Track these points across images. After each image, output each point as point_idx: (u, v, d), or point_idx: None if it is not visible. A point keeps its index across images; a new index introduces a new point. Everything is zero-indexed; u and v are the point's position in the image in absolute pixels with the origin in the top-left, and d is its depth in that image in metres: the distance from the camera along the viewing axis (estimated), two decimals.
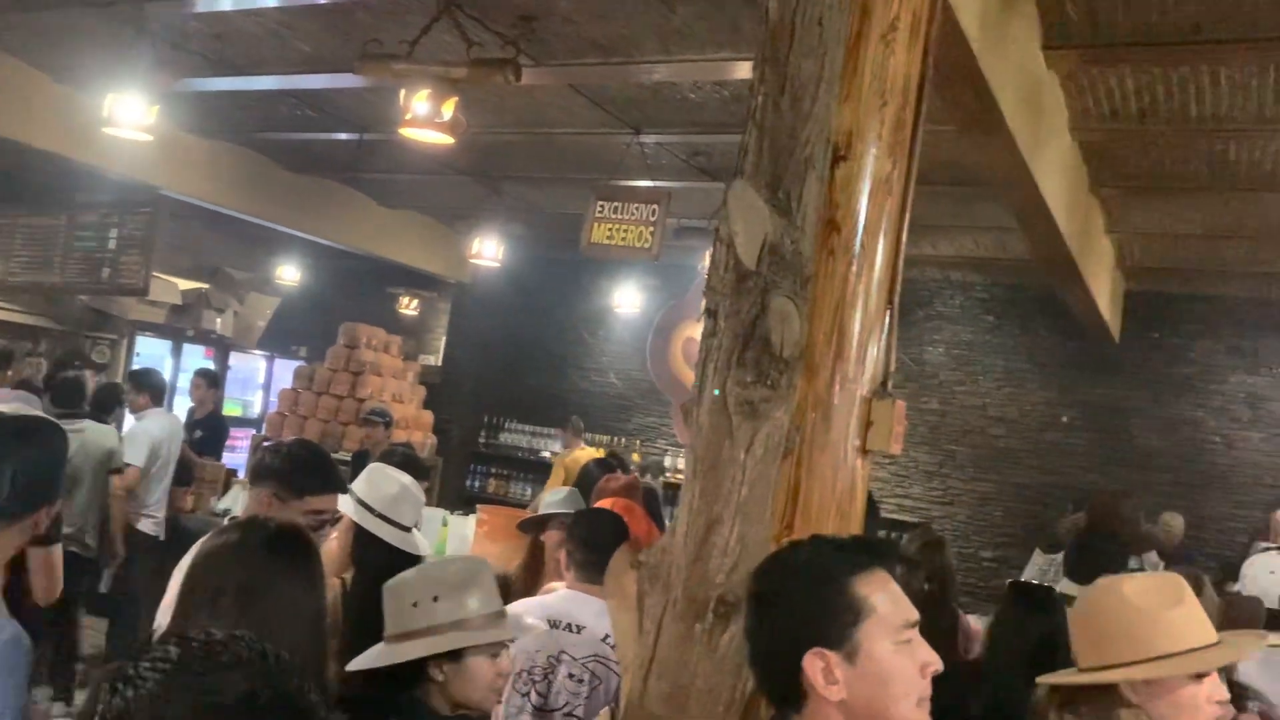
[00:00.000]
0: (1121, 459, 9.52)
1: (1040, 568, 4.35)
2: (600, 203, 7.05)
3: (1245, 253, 8.01)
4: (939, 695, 3.18)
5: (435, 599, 2.11)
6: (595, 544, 2.97)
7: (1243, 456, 9.23)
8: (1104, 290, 8.13)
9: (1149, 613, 1.89)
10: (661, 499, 5.45)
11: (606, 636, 2.80)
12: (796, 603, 1.50)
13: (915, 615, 1.53)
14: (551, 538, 3.51)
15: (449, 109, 5.10)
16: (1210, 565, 7.59)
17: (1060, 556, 4.38)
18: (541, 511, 3.94)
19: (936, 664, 1.52)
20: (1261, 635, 2.08)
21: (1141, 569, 4.77)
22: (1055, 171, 5.37)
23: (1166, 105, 5.21)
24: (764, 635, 1.55)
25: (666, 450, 11.30)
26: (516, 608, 2.84)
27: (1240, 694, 2.53)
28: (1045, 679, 2.05)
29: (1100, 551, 3.91)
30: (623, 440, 11.50)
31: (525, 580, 3.49)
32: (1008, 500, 9.93)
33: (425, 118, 5.10)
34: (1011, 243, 8.39)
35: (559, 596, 3.00)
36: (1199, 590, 2.86)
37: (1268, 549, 5.99)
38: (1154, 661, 1.84)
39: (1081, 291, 7.29)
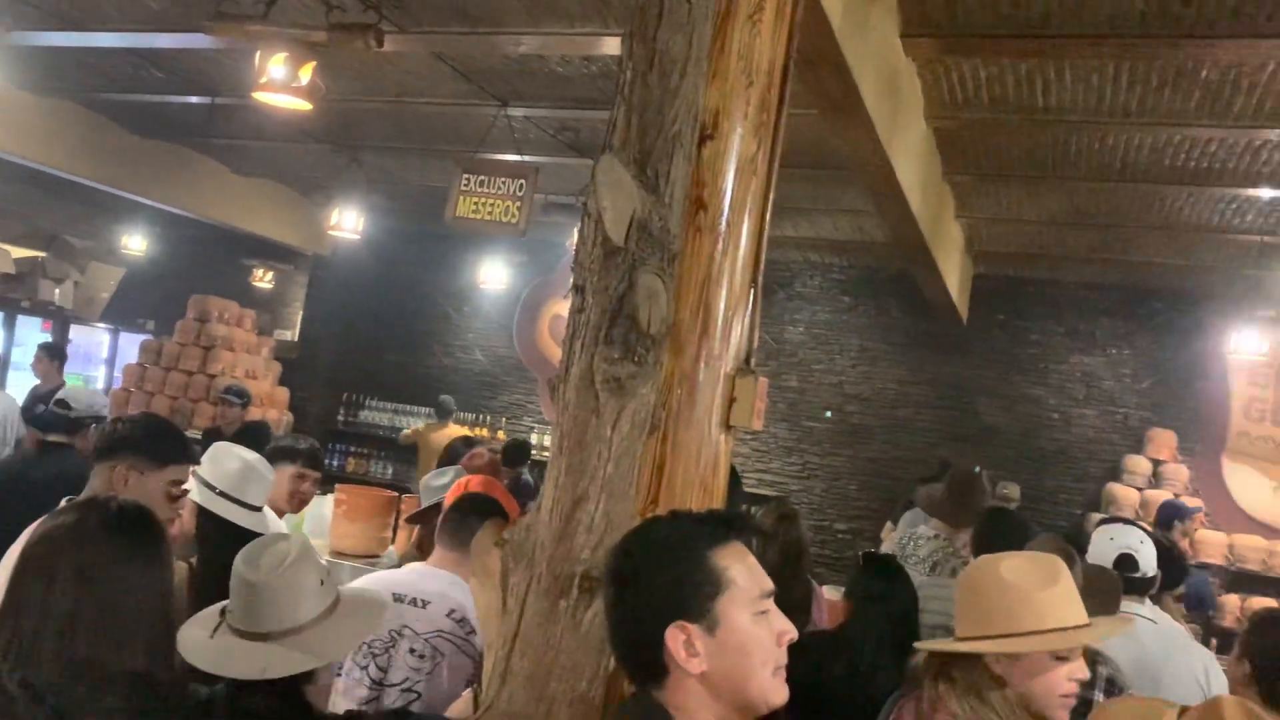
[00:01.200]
0: (967, 434, 9.97)
1: (900, 541, 4.53)
2: (466, 176, 6.93)
3: (1086, 240, 8.47)
4: (796, 665, 3.26)
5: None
6: (464, 519, 2.94)
7: (1078, 432, 9.80)
8: (954, 273, 8.47)
9: (1022, 591, 1.96)
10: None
11: (453, 611, 2.77)
12: (656, 577, 1.51)
13: (771, 585, 1.55)
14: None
15: (306, 74, 4.91)
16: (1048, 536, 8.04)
17: (919, 529, 4.56)
18: (424, 497, 3.88)
19: (792, 633, 1.55)
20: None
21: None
22: (911, 157, 5.55)
23: (1015, 96, 5.44)
24: (625, 611, 1.56)
25: (533, 428, 11.25)
26: (359, 581, 2.79)
27: (1093, 660, 2.67)
28: (923, 645, 2.13)
29: (1005, 528, 3.95)
30: (488, 418, 11.40)
31: None
32: (861, 474, 10.28)
33: (281, 82, 4.90)
34: (869, 226, 8.66)
35: (407, 570, 2.95)
36: (1070, 564, 3.01)
37: (1111, 520, 6.38)
38: (1020, 637, 1.91)
39: (933, 274, 7.57)
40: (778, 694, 1.51)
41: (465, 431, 9.59)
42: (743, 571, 1.52)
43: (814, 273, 10.83)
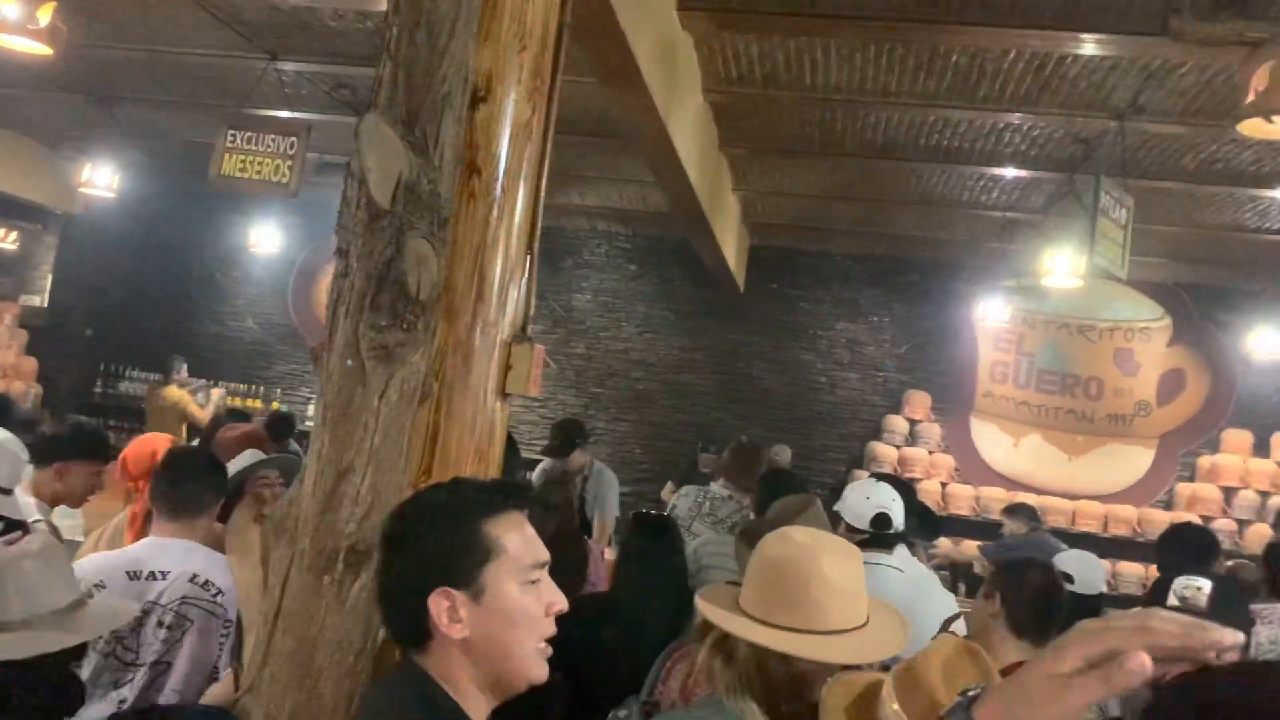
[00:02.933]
0: (744, 398, 10.39)
1: (696, 500, 4.68)
2: (232, 132, 6.55)
3: (852, 213, 8.94)
4: (569, 628, 3.30)
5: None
6: (180, 484, 2.79)
7: (844, 395, 10.39)
8: (732, 244, 8.76)
9: (839, 592, 1.87)
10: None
11: (195, 576, 2.65)
12: (426, 543, 1.50)
13: (545, 556, 1.56)
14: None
15: (46, 15, 4.49)
16: (819, 491, 8.50)
17: (713, 487, 4.74)
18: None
19: (561, 604, 1.56)
20: (903, 624, 2.14)
21: None
22: (689, 129, 5.68)
23: (785, 73, 5.65)
24: (391, 575, 1.55)
25: (310, 399, 10.83)
26: (86, 566, 2.60)
27: None
28: (703, 607, 2.00)
29: (784, 490, 4.09)
30: (262, 389, 10.88)
31: None
32: (645, 438, 10.52)
33: (16, 24, 4.46)
34: (652, 196, 8.81)
35: (139, 546, 2.77)
36: (807, 507, 3.17)
37: (881, 477, 6.80)
38: (826, 636, 1.85)
39: (712, 244, 7.80)
40: (538, 669, 1.53)
41: (181, 395, 9.14)
42: (516, 540, 1.52)
43: (601, 241, 10.93)
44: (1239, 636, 0.76)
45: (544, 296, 10.77)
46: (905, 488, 4.67)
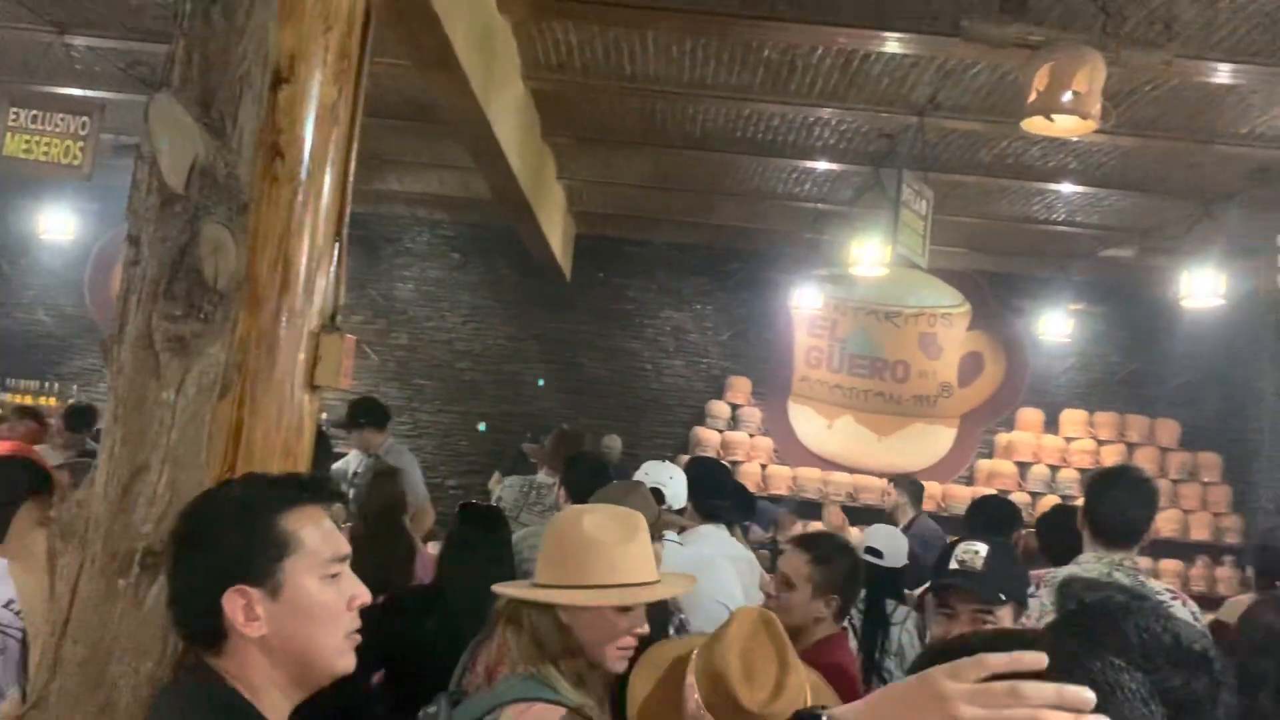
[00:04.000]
0: (572, 387, 10.43)
1: (522, 489, 4.67)
2: (15, 110, 6.08)
3: (674, 203, 9.10)
4: (393, 624, 3.23)
5: None
6: None
7: (669, 382, 10.58)
8: (557, 232, 8.76)
9: (598, 545, 2.02)
10: None
11: (10, 602, 2.47)
12: (220, 540, 1.46)
13: (346, 549, 1.53)
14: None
15: None
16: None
17: (539, 476, 4.75)
18: None
19: (364, 596, 1.54)
20: (690, 578, 2.30)
21: None
22: (509, 116, 5.64)
23: (605, 62, 5.69)
24: (183, 574, 1.49)
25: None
26: None
27: (668, 609, 2.89)
28: (499, 588, 2.14)
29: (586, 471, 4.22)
30: (56, 385, 10.16)
31: None
32: (472, 430, 10.41)
33: None
34: (474, 183, 8.68)
35: None
36: (633, 491, 3.21)
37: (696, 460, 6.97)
38: (589, 590, 1.98)
39: (537, 233, 7.79)
40: (344, 660, 1.50)
41: None
42: (314, 534, 1.49)
43: (422, 229, 10.73)
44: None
45: (363, 286, 10.49)
46: (723, 470, 4.83)
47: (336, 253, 2.37)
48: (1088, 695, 0.79)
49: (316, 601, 1.45)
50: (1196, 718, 1.18)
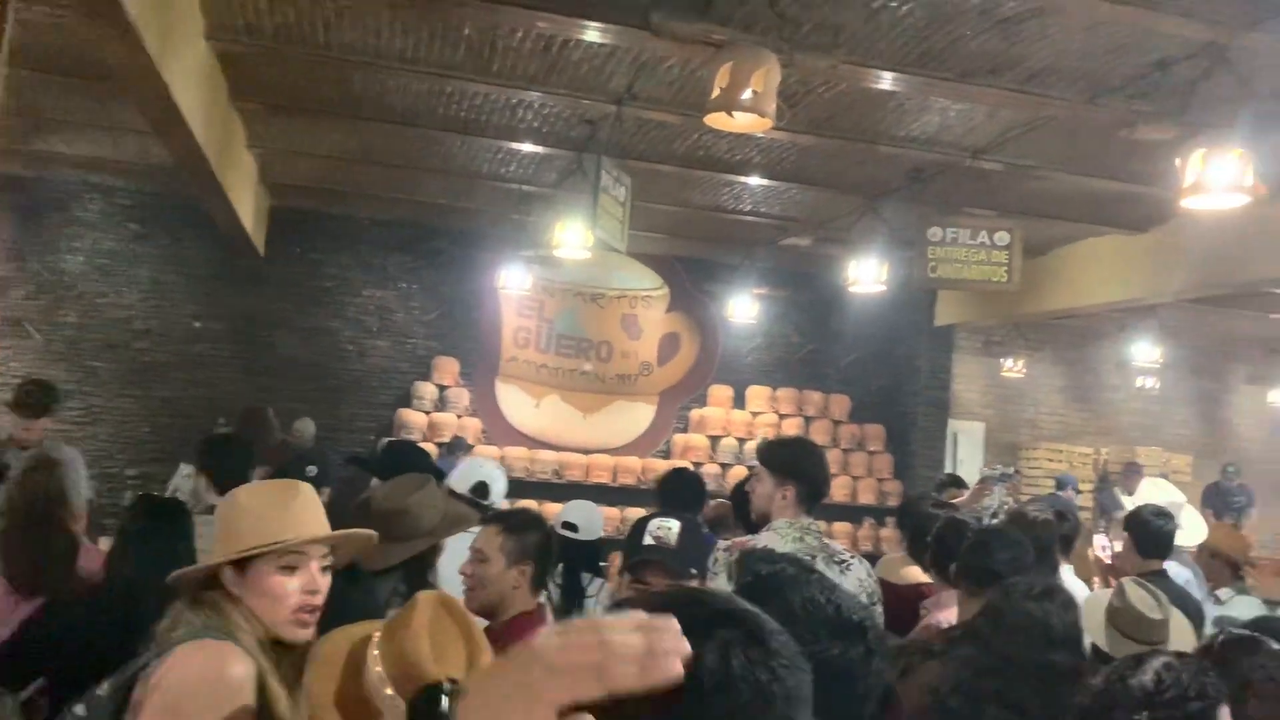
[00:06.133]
0: (267, 368, 9.93)
1: (174, 484, 4.36)
2: None
3: (377, 178, 8.85)
4: (53, 625, 2.97)
5: None
6: None
7: (372, 363, 10.32)
8: (247, 204, 8.29)
9: (250, 511, 2.03)
10: None
11: None
12: None
13: None
14: None
15: None
16: (345, 465, 8.36)
17: (181, 468, 4.47)
18: None
19: None
20: (370, 534, 2.27)
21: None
22: (191, 78, 5.27)
23: (299, 28, 5.43)
24: None
25: None
26: None
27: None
28: (177, 574, 2.08)
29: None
30: None
31: None
32: (155, 415, 9.67)
33: None
34: (154, 148, 8.03)
35: None
36: (423, 485, 3.12)
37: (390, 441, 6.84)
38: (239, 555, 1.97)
39: (224, 204, 7.33)
40: None
41: None
42: None
43: (95, 196, 9.80)
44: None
45: (24, 257, 9.48)
46: (418, 451, 4.82)
47: None
48: (672, 624, 0.78)
49: None
50: (850, 683, 1.33)
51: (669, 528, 2.55)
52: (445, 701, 0.84)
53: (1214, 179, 4.70)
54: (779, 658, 0.81)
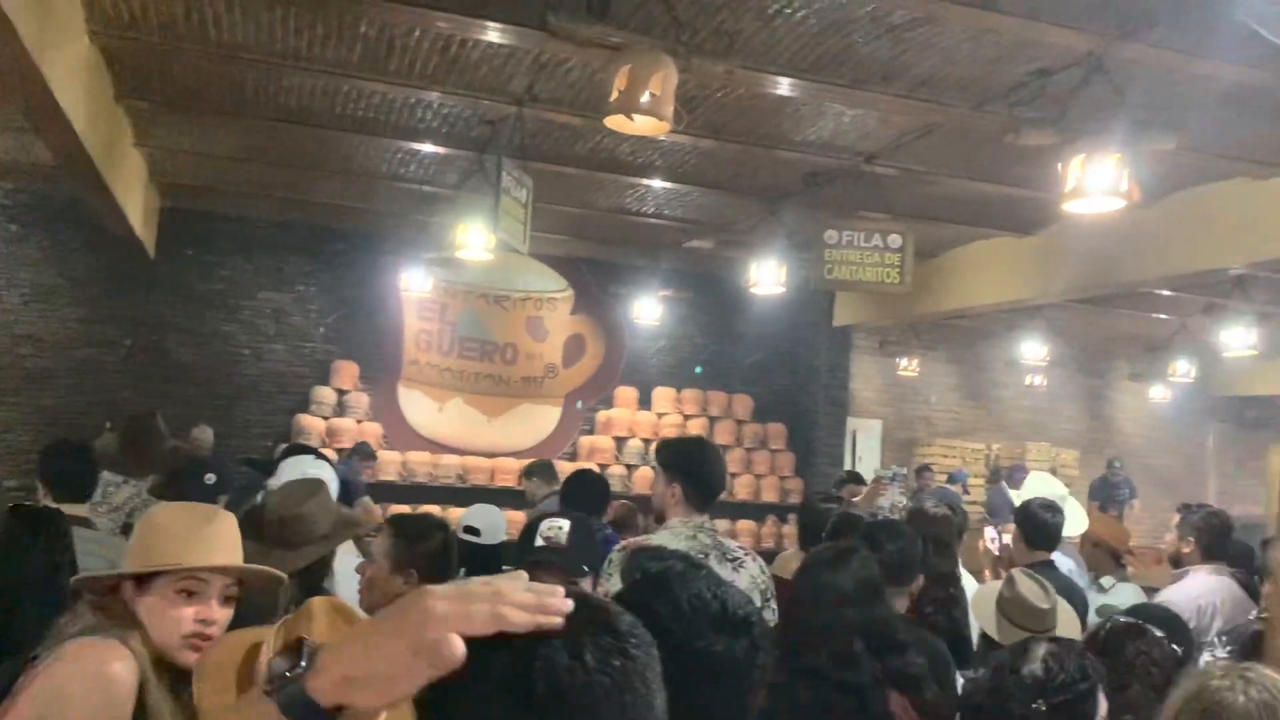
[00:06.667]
0: (158, 374, 9.62)
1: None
2: None
3: (272, 178, 8.64)
4: None
5: None
6: None
7: (269, 367, 10.08)
8: (136, 204, 8.02)
9: (162, 529, 2.00)
10: None
11: None
12: None
13: None
14: None
15: None
16: (242, 470, 8.14)
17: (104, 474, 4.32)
18: None
19: None
20: (279, 576, 2.22)
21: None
22: (72, 73, 5.07)
23: (186, 24, 5.28)
24: None
25: None
26: None
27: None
28: (80, 578, 2.06)
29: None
30: None
31: None
32: (37, 424, 9.27)
33: None
34: (36, 146, 7.73)
35: None
36: (318, 491, 3.05)
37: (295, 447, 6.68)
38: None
39: (111, 204, 7.09)
40: None
41: None
42: None
43: None
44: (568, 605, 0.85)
45: None
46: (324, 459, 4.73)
47: None
48: (559, 590, 0.85)
49: None
50: (735, 677, 1.36)
51: (559, 527, 2.57)
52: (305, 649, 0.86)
53: (1093, 183, 4.92)
54: (629, 640, 0.86)
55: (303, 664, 0.87)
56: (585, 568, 2.44)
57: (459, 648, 0.79)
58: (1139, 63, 4.89)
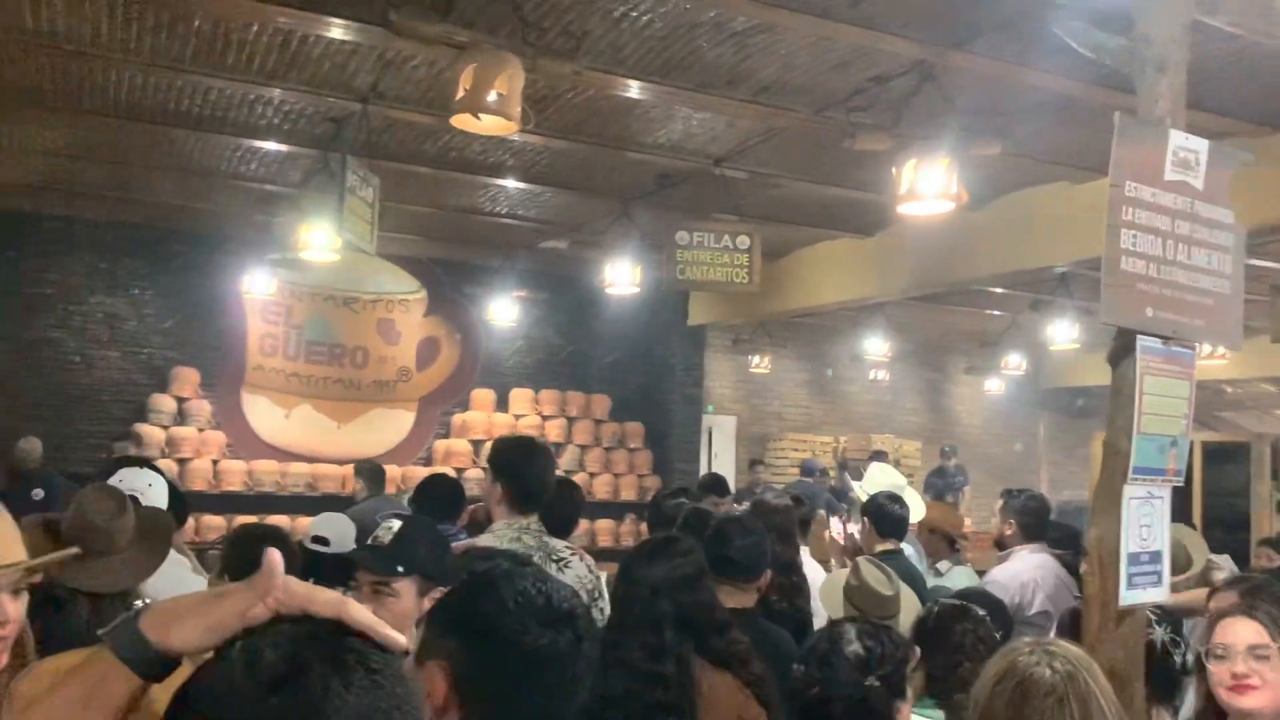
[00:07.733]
0: None
1: None
2: None
3: (101, 176, 8.20)
4: None
5: None
6: None
7: (103, 375, 9.57)
8: None
9: None
10: None
11: None
12: None
13: None
14: None
15: None
16: (73, 485, 7.69)
17: None
18: None
19: None
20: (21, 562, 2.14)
21: None
22: None
23: (1, 11, 4.97)
24: None
25: None
26: None
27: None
28: None
29: None
30: None
31: None
32: None
33: None
34: None
35: None
36: (123, 510, 2.87)
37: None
38: None
39: None
40: None
41: None
42: None
43: None
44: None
45: None
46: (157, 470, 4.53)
47: None
48: (343, 601, 0.94)
49: None
50: (560, 669, 1.38)
51: (390, 528, 2.52)
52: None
53: (925, 187, 5.16)
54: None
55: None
56: (400, 568, 2.38)
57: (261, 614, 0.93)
58: (967, 72, 5.15)
